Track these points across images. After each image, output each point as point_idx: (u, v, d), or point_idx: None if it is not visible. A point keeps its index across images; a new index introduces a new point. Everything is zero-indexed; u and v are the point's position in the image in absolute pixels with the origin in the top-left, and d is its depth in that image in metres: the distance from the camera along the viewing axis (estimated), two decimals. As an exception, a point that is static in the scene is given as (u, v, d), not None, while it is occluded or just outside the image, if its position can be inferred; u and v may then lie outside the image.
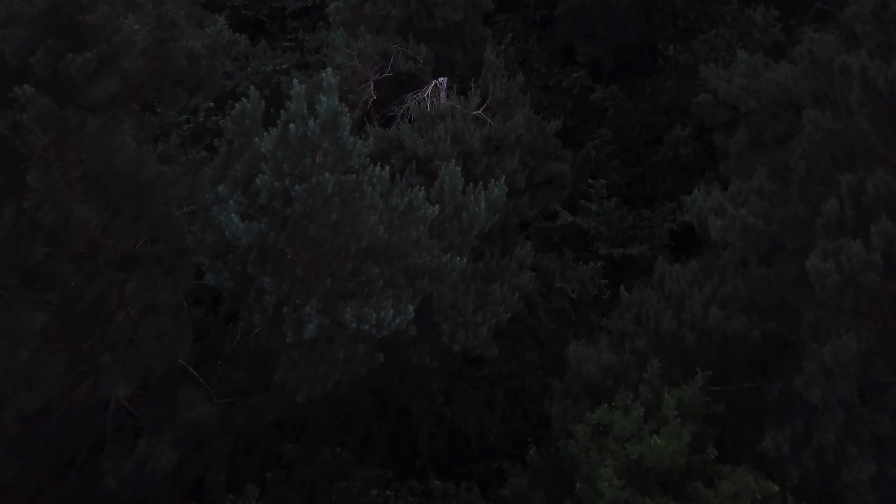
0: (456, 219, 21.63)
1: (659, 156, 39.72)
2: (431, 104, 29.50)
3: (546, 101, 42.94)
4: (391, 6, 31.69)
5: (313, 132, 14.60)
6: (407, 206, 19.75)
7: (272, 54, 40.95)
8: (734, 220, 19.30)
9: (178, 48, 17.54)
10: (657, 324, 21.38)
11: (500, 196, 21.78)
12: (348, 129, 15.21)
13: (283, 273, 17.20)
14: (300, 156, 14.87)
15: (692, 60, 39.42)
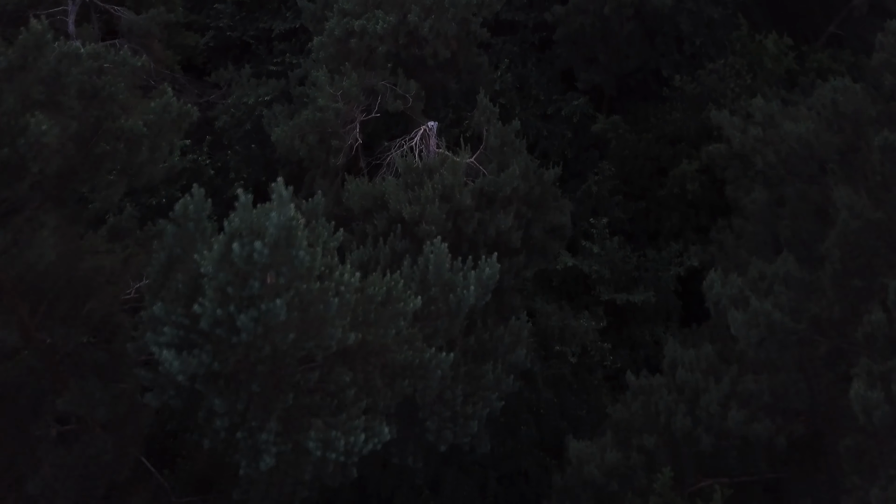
0: (442, 301, 18.87)
1: (664, 191, 36.94)
2: (420, 153, 26.73)
3: (545, 129, 40.14)
4: (378, 42, 28.85)
5: (260, 253, 11.87)
6: (385, 297, 17.00)
7: (256, 82, 38.15)
8: (758, 315, 16.58)
9: (115, 129, 14.75)
10: (668, 420, 18.68)
11: (491, 275, 18.99)
12: (305, 244, 12.45)
13: (236, 390, 14.50)
14: (246, 278, 12.18)
15: (699, 91, 36.62)
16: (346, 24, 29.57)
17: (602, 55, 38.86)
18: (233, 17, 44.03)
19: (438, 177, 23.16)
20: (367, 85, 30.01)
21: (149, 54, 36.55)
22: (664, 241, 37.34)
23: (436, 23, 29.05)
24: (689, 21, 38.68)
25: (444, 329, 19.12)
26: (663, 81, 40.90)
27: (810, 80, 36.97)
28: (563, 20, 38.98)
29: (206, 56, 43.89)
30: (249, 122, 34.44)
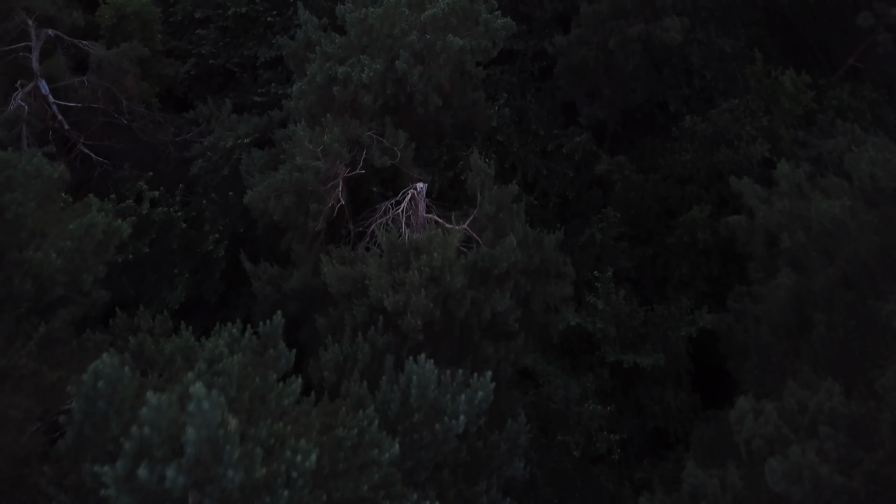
0: (427, 429, 16.01)
1: (673, 238, 34.00)
2: (408, 218, 23.78)
3: (545, 168, 37.19)
4: (363, 91, 25.87)
5: (174, 480, 8.97)
6: (356, 441, 14.12)
7: (237, 118, 35.14)
8: (800, 467, 13.67)
9: (23, 261, 11.82)
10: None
11: (484, 398, 16.14)
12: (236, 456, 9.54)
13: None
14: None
15: (711, 131, 33.65)
16: (329, 69, 26.58)
17: (606, 89, 35.88)
18: (216, 44, 41.00)
19: (426, 258, 20.22)
20: (352, 135, 27.04)
21: (121, 92, 33.63)
22: (672, 291, 34.46)
23: (427, 70, 26.06)
24: (699, 54, 35.71)
25: (428, 460, 16.29)
26: (670, 114, 38.00)
27: (829, 118, 34.05)
28: (564, 52, 35.98)
29: (186, 85, 40.89)
30: (227, 166, 31.43)
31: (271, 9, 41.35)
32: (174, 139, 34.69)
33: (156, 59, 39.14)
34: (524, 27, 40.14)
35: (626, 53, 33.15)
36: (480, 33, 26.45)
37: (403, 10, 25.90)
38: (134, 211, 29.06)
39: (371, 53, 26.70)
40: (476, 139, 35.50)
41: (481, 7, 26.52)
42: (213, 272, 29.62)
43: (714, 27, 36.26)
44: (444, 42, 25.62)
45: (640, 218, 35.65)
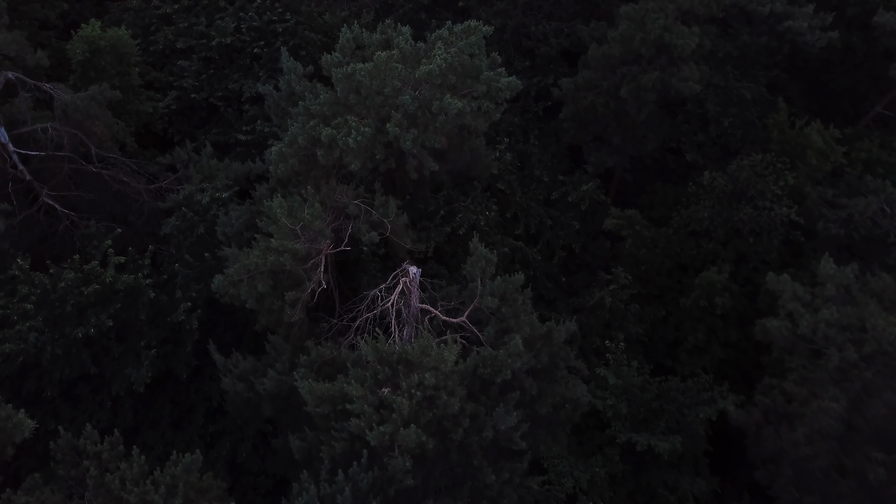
0: None
1: (689, 302, 30.58)
2: (399, 310, 20.32)
3: (549, 218, 33.71)
4: (350, 156, 22.40)
5: None
6: None
7: (217, 165, 31.62)
8: None
9: None
10: None
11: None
12: None
13: None
14: None
15: (731, 187, 30.20)
16: (312, 129, 23.09)
17: (615, 136, 32.42)
18: (198, 77, 37.44)
19: (418, 377, 16.78)
20: (337, 204, 23.60)
21: (89, 138, 30.10)
22: (686, 355, 31.06)
23: (421, 134, 22.60)
24: (715, 99, 32.25)
25: None
26: (683, 159, 34.58)
27: (858, 172, 30.68)
28: (570, 96, 32.49)
29: (166, 121, 37.38)
30: (203, 224, 27.95)
31: (258, 39, 37.86)
32: (148, 187, 31.18)
33: (134, 94, 35.63)
34: (527, 63, 36.73)
35: (638, 102, 29.72)
36: (482, 93, 22.98)
37: (396, 65, 22.40)
38: (98, 277, 25.57)
39: (359, 112, 23.23)
40: (475, 189, 32.05)
41: (483, 62, 23.04)
42: (184, 344, 26.15)
43: (731, 70, 32.82)
44: (441, 103, 22.14)
45: (651, 274, 32.28)
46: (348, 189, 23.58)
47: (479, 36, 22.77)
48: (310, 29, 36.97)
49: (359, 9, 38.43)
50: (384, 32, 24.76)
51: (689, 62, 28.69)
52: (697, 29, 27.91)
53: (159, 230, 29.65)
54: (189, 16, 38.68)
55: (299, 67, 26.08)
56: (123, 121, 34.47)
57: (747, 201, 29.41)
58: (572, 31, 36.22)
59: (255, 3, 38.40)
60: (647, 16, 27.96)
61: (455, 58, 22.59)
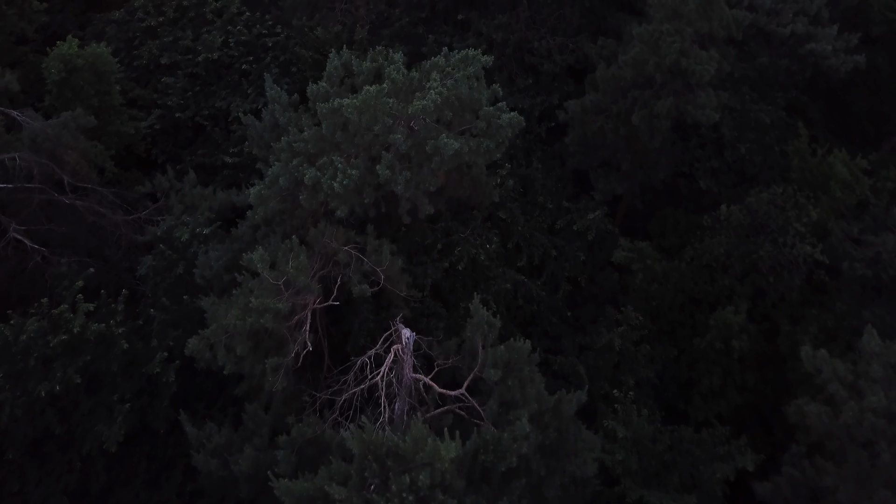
0: None
1: (704, 343, 28.03)
2: (390, 382, 17.80)
3: (554, 249, 31.10)
4: (337, 202, 19.85)
5: None
6: None
7: (200, 193, 29.06)
8: None
9: None
10: None
11: None
12: None
13: None
14: None
15: (749, 221, 27.64)
16: (295, 170, 20.54)
17: (624, 162, 29.86)
18: (184, 94, 34.83)
19: (410, 478, 14.29)
20: (326, 249, 21.08)
21: (61, 168, 27.56)
22: (700, 399, 28.56)
23: (415, 176, 20.06)
24: (732, 124, 29.66)
25: None
26: (696, 184, 32.00)
27: (883, 204, 28.10)
28: (577, 120, 29.90)
29: (150, 141, 34.82)
30: (182, 263, 25.43)
31: (247, 54, 35.26)
32: (127, 218, 28.64)
33: (115, 114, 33.05)
34: (530, 80, 34.11)
35: (651, 129, 27.14)
36: (481, 130, 20.39)
37: (386, 101, 19.81)
38: (66, 325, 23.04)
39: (347, 151, 20.67)
40: (475, 219, 29.49)
41: (482, 96, 20.46)
42: (161, 396, 23.65)
43: (748, 91, 30.20)
44: (437, 142, 19.57)
45: (663, 309, 29.75)
46: (338, 231, 21.04)
47: (479, 66, 20.17)
48: (301, 44, 34.36)
49: (353, 22, 35.78)
50: (375, 60, 22.19)
51: (707, 87, 26.07)
52: (716, 53, 25.28)
53: (138, 265, 27.15)
54: (175, 29, 36.07)
55: (284, 97, 23.51)
56: (103, 143, 31.91)
57: (766, 236, 26.84)
58: (578, 46, 33.61)
59: (244, 16, 35.83)
60: (661, 39, 25.36)
61: (451, 91, 20.01)
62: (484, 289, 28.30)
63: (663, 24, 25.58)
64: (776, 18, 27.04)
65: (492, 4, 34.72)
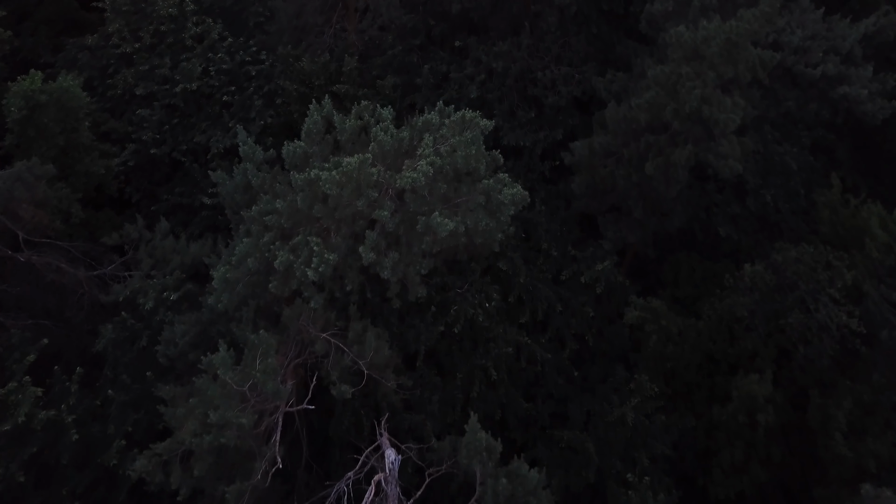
0: None
1: (726, 416, 25.20)
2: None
3: (559, 303, 28.17)
4: (311, 291, 16.96)
5: None
6: None
7: (171, 245, 26.20)
8: None
9: None
10: None
11: None
12: None
13: None
14: None
15: (776, 283, 24.75)
16: (266, 248, 17.67)
17: (636, 210, 26.96)
18: (160, 128, 31.93)
19: None
20: (303, 334, 18.21)
21: (15, 224, 24.72)
22: (721, 474, 25.76)
23: (404, 258, 17.18)
24: (755, 168, 26.76)
25: None
26: (713, 229, 29.12)
27: (927, 263, 25.15)
28: (584, 163, 26.99)
29: (123, 179, 31.97)
30: (146, 335, 22.58)
31: (229, 83, 32.39)
32: (90, 274, 25.80)
33: (84, 152, 30.18)
34: (532, 114, 31.18)
35: (667, 179, 24.24)
36: (479, 205, 17.48)
37: (370, 171, 16.91)
38: (11, 412, 20.20)
39: (327, 226, 17.79)
40: (473, 272, 26.66)
41: (481, 165, 17.53)
42: (118, 489, 20.83)
43: (770, 131, 27.27)
44: (429, 221, 16.68)
45: (679, 369, 26.90)
46: (315, 315, 18.15)
47: (478, 132, 17.25)
48: (286, 75, 31.44)
49: (343, 49, 32.83)
50: (360, 116, 19.28)
51: (730, 135, 23.16)
52: (741, 99, 22.34)
53: (101, 328, 24.34)
54: (152, 56, 33.15)
55: (258, 153, 20.60)
56: (70, 184, 29.09)
57: (794, 298, 23.97)
58: (584, 77, 30.66)
59: (227, 42, 32.89)
60: (680, 83, 22.43)
61: (446, 160, 17.10)
62: (483, 353, 25.52)
63: (682, 66, 22.64)
64: (804, 57, 24.08)
65: (492, 30, 31.78)
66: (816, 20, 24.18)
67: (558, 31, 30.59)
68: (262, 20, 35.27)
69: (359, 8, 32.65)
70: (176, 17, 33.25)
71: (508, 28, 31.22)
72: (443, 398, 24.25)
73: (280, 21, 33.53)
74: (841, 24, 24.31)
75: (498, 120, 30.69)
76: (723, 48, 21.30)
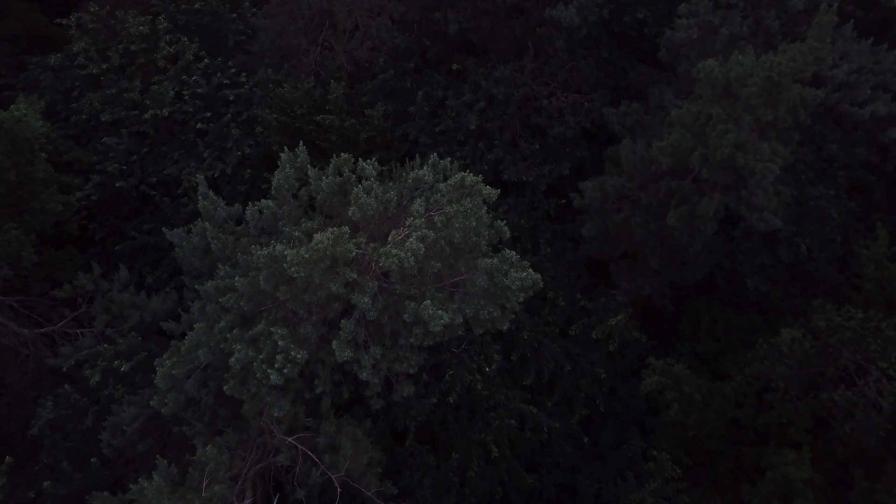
0: None
1: (756, 497, 21.96)
2: None
3: (567, 362, 24.94)
4: (274, 397, 13.68)
5: None
6: None
7: (131, 298, 22.93)
8: None
9: None
10: None
11: None
12: None
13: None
14: None
15: (817, 349, 21.51)
16: (221, 337, 14.40)
17: (653, 259, 23.72)
18: (128, 158, 28.67)
19: None
20: (264, 438, 14.95)
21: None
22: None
23: (388, 354, 13.91)
24: (787, 213, 23.50)
25: None
26: (736, 276, 25.92)
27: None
28: (595, 207, 23.74)
29: (85, 215, 28.67)
30: (92, 412, 19.23)
31: (204, 109, 29.15)
32: (38, 331, 22.55)
33: (41, 186, 26.84)
34: (537, 145, 27.91)
35: (691, 231, 20.97)
36: (481, 289, 14.18)
37: (348, 247, 13.62)
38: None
39: (294, 308, 14.50)
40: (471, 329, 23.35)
41: (483, 240, 14.25)
42: None
43: (803, 170, 24.04)
44: (419, 310, 13.41)
45: (701, 438, 23.68)
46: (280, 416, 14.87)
47: (479, 200, 13.97)
48: (265, 102, 28.16)
49: (329, 73, 29.53)
50: (339, 171, 16.00)
51: (765, 183, 19.90)
52: (779, 145, 19.09)
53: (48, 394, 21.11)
54: (120, 78, 29.83)
55: (220, 210, 17.29)
56: (23, 224, 25.79)
57: (838, 369, 20.75)
58: (594, 106, 27.40)
59: (203, 63, 29.60)
60: (710, 125, 19.16)
61: (441, 233, 13.83)
62: (482, 426, 22.29)
63: (712, 106, 19.37)
64: (850, 94, 20.84)
65: (492, 53, 28.48)
66: (863, 52, 20.94)
67: (565, 54, 27.32)
68: (243, 39, 31.98)
69: (347, 28, 29.34)
70: (148, 35, 29.99)
71: (511, 51, 27.95)
72: (436, 480, 21.04)
73: (262, 41, 30.22)
74: (890, 57, 21.08)
75: (498, 152, 27.53)
76: (762, 88, 18.05)
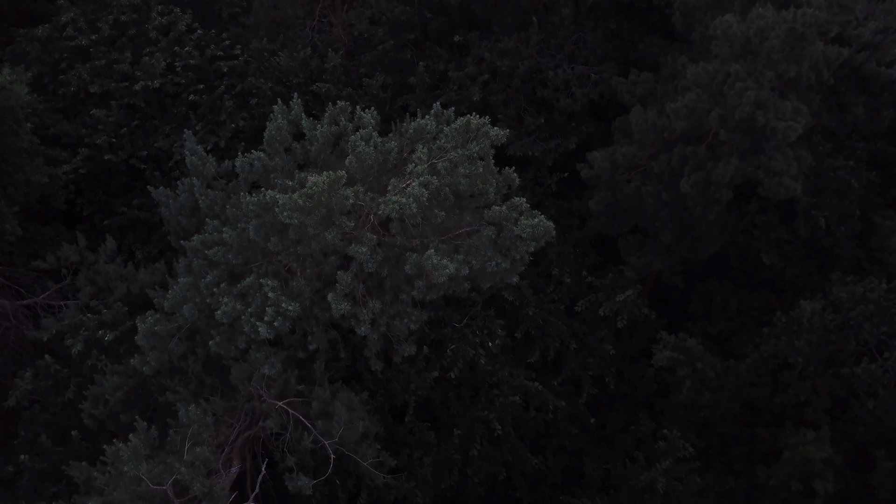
0: None
1: (773, 479, 20.84)
2: None
3: (573, 340, 23.81)
4: (263, 353, 12.53)
5: None
6: None
7: (118, 271, 21.79)
8: None
9: None
10: None
11: None
12: None
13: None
14: None
15: (837, 320, 20.37)
16: (208, 292, 13.25)
17: (665, 233, 22.59)
18: (117, 131, 27.49)
19: None
20: (253, 399, 13.80)
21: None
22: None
23: (388, 309, 12.77)
24: (806, 185, 22.38)
25: None
26: (750, 253, 24.79)
27: None
28: (605, 178, 22.60)
29: (73, 188, 27.49)
30: (74, 384, 18.09)
31: (197, 81, 27.98)
32: (19, 303, 21.41)
33: (27, 157, 25.73)
34: (542, 119, 26.76)
35: (706, 199, 19.86)
36: (488, 240, 13.03)
37: (345, 193, 12.47)
38: None
39: (286, 262, 13.35)
40: (474, 304, 22.31)
41: (491, 187, 13.07)
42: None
43: (821, 140, 22.95)
44: (421, 260, 12.28)
45: (713, 420, 22.56)
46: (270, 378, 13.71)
47: (486, 144, 12.83)
48: (260, 73, 27.04)
49: (325, 45, 28.41)
50: (335, 121, 14.86)
51: (784, 147, 18.79)
52: (802, 104, 17.99)
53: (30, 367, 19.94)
54: (111, 50, 28.68)
55: (210, 166, 16.16)
56: (7, 196, 24.71)
57: (859, 343, 19.63)
58: (602, 78, 26.29)
59: (196, 35, 28.44)
60: (728, 83, 18.05)
61: (445, 179, 12.69)
62: (485, 402, 21.15)
63: (730, 64, 18.26)
64: (876, 54, 19.77)
65: (496, 24, 27.36)
66: (889, 10, 19.88)
67: (572, 25, 26.22)
68: (238, 11, 30.89)
69: (345, -2, 28.29)
70: (139, 6, 28.87)
71: (515, 22, 26.82)
72: (437, 459, 19.89)
73: (257, 13, 29.11)
74: (918, 15, 20.05)
75: (502, 126, 26.31)
76: (784, 41, 16.94)
